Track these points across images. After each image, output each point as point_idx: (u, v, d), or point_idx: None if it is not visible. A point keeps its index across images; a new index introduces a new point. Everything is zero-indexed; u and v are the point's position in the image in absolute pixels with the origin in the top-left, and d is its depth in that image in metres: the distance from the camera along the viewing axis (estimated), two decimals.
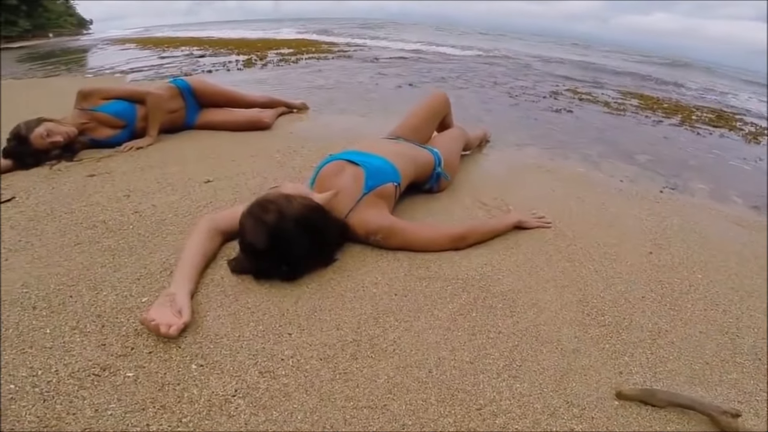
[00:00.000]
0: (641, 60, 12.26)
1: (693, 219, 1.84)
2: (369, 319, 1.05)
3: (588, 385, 0.91)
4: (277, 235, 1.05)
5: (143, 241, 1.30)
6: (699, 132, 3.52)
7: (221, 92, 2.63)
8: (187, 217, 1.46)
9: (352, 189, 1.30)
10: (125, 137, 2.19)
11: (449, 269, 1.27)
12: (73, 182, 1.73)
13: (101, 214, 1.46)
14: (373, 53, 6.81)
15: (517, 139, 2.73)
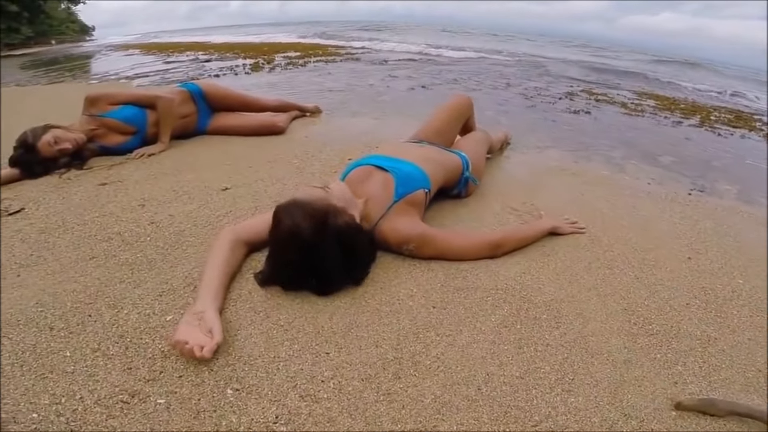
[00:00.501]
0: (649, 60, 12.18)
1: (725, 222, 1.78)
2: (408, 334, 0.99)
3: (644, 397, 0.89)
4: (313, 246, 1.00)
5: (162, 254, 1.24)
6: (720, 133, 3.45)
7: (233, 96, 2.58)
8: (207, 228, 1.40)
9: (382, 196, 1.24)
10: (136, 144, 2.14)
11: (487, 279, 1.22)
12: (84, 191, 1.68)
13: (116, 226, 1.40)
14: (381, 56, 6.77)
15: (537, 141, 2.67)
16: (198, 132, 2.42)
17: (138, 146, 2.13)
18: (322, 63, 5.70)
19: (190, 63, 5.98)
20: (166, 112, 2.17)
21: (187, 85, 2.39)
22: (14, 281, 1.11)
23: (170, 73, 5.15)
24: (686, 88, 6.62)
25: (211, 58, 6.37)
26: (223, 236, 1.14)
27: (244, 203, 1.58)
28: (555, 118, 3.30)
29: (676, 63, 12.40)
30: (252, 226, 1.20)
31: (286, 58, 6.21)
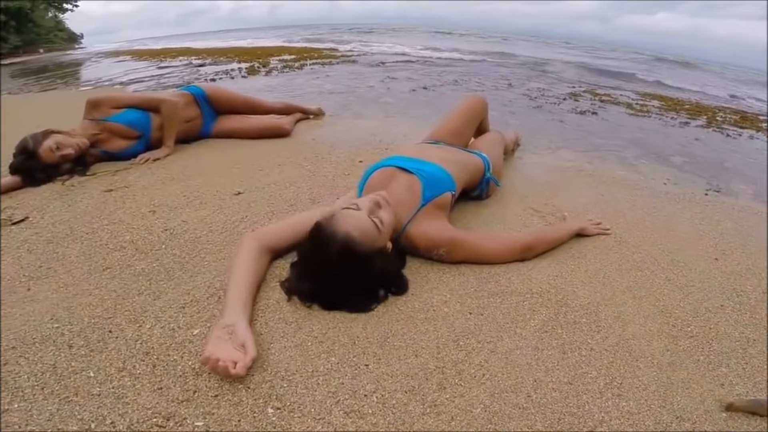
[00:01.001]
0: (646, 60, 12.33)
1: (745, 223, 1.78)
2: (448, 342, 0.97)
3: (693, 399, 0.90)
4: (366, 265, 0.99)
5: (180, 262, 1.20)
6: (728, 134, 3.48)
7: (237, 98, 2.55)
8: (224, 234, 1.36)
9: (409, 200, 1.21)
10: (140, 148, 2.10)
11: (520, 283, 1.19)
12: (90, 198, 1.64)
13: (127, 234, 1.36)
14: (378, 58, 6.76)
15: (549, 142, 2.67)
16: (202, 135, 2.39)
17: (142, 151, 2.09)
18: (318, 65, 5.68)
19: (183, 68, 5.92)
20: (171, 115, 2.13)
21: (190, 88, 2.35)
22: (25, 295, 1.06)
23: (165, 78, 5.09)
24: (688, 88, 6.70)
25: (204, 63, 6.32)
26: (246, 243, 1.10)
27: (259, 208, 1.54)
28: (562, 119, 3.31)
29: (671, 61, 12.53)
30: (276, 233, 1.17)
31: (281, 61, 6.18)
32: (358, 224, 1.00)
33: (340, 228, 0.98)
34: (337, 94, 3.88)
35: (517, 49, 10.10)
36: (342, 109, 3.24)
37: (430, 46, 9.71)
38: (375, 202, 1.07)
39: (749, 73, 14.24)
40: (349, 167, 1.96)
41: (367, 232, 1.00)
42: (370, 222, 1.02)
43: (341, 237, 0.97)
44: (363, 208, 1.04)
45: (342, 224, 0.99)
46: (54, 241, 1.32)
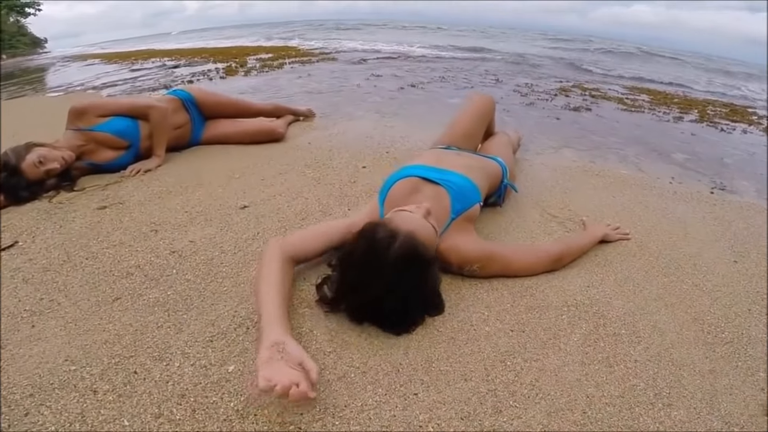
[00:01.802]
0: (624, 52, 12.69)
1: (755, 222, 1.85)
2: (495, 363, 0.97)
3: (737, 404, 0.94)
4: (398, 280, 0.94)
5: (197, 289, 1.16)
6: (723, 128, 3.62)
7: (226, 102, 2.49)
8: (238, 254, 1.32)
9: (438, 213, 1.19)
10: (129, 159, 2.02)
11: (554, 296, 1.21)
12: (83, 217, 1.56)
13: (132, 258, 1.30)
14: (358, 55, 6.72)
15: (550, 141, 2.72)
16: (192, 142, 2.32)
17: (131, 161, 2.01)
18: (298, 64, 5.60)
19: (157, 70, 5.73)
20: (161, 122, 2.05)
21: (177, 92, 2.27)
22: (30, 333, 1.00)
23: (139, 81, 4.91)
24: (672, 81, 6.93)
25: (179, 64, 6.14)
26: (273, 252, 1.06)
27: (269, 223, 1.51)
28: (558, 116, 3.37)
29: (646, 53, 12.87)
30: (301, 242, 1.14)
31: (259, 60, 6.07)
32: (419, 224, 0.99)
33: (402, 227, 0.96)
34: (324, 93, 3.84)
35: (496, 44, 10.20)
36: (332, 110, 3.20)
37: (407, 42, 9.73)
38: (426, 209, 1.05)
39: (723, 63, 14.86)
40: (353, 174, 1.94)
41: (429, 234, 1.00)
42: (429, 224, 1.01)
43: (405, 235, 0.93)
44: (415, 212, 1.04)
45: (403, 223, 0.97)
46: (51, 268, 1.25)
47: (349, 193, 1.74)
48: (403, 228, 0.96)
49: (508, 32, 15.92)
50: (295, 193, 1.74)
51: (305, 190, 1.76)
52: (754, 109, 5.05)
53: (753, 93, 7.15)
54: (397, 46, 8.59)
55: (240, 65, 5.56)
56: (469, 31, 16.28)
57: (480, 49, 8.61)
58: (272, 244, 1.10)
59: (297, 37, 11.45)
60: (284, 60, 5.99)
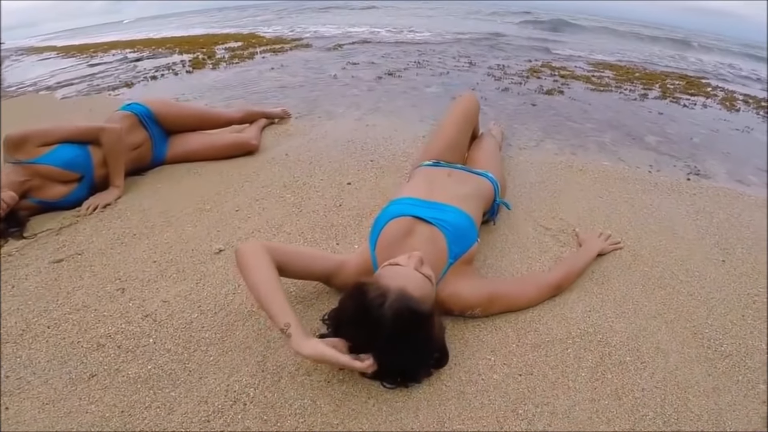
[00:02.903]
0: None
1: (734, 212, 1.83)
2: (507, 414, 0.91)
3: (741, 421, 0.94)
4: (399, 339, 0.85)
5: (180, 361, 1.01)
6: (685, 104, 3.60)
7: (190, 113, 2.20)
8: (219, 315, 1.15)
9: (435, 258, 1.07)
10: (83, 193, 1.73)
11: (558, 327, 1.14)
12: (38, 274, 1.33)
13: (100, 325, 1.12)
14: (331, 41, 6.28)
15: (530, 132, 2.61)
16: (155, 163, 2.04)
17: (86, 196, 1.73)
18: (270, 54, 5.19)
19: (118, 64, 5.17)
20: (114, 146, 1.75)
21: (131, 107, 1.96)
22: (6, 415, 0.86)
23: (98, 78, 4.41)
24: (616, 52, 6.87)
25: (141, 56, 5.56)
26: (258, 250, 0.97)
27: None
28: (533, 101, 3.26)
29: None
30: (284, 252, 1.04)
31: (228, 50, 5.61)
32: (412, 279, 0.89)
33: (392, 284, 0.85)
34: (299, 87, 3.55)
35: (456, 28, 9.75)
36: (309, 108, 2.95)
37: (375, 24, 9.26)
38: (417, 258, 0.94)
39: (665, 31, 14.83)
40: (338, 195, 1.76)
41: (423, 287, 0.90)
42: (421, 277, 0.91)
43: (396, 294, 0.84)
44: (406, 264, 0.92)
45: (394, 280, 0.86)
46: (10, 340, 1.08)
47: (335, 222, 1.57)
48: (394, 286, 0.85)
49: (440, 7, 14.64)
50: (275, 228, 1.54)
51: (286, 223, 1.57)
52: (707, 80, 5.07)
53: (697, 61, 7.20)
54: (368, 27, 8.12)
55: (207, 56, 5.12)
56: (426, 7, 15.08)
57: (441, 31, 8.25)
58: (249, 242, 1.01)
59: (265, 24, 10.67)
60: (255, 49, 5.56)
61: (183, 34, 8.88)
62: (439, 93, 3.42)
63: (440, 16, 11.23)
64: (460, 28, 8.64)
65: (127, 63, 5.18)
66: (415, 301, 0.85)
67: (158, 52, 5.79)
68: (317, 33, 7.30)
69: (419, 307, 0.85)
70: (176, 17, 19.33)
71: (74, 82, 4.29)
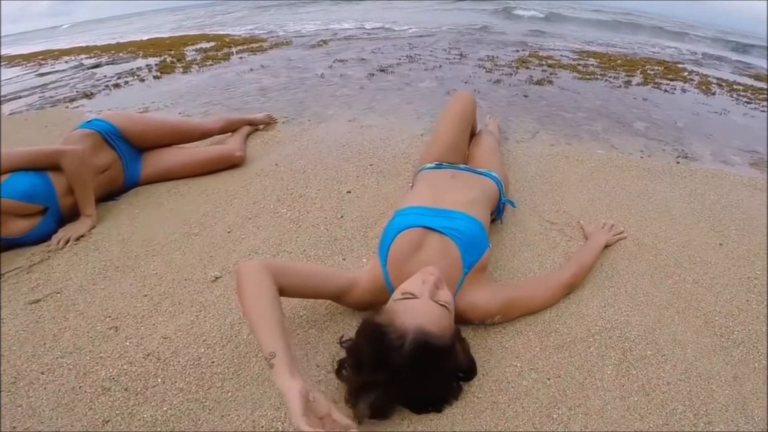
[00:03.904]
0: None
1: (723, 192, 1.93)
2: (542, 419, 0.93)
3: (763, 408, 0.98)
4: (421, 376, 0.85)
5: (197, 400, 0.96)
6: (665, 89, 3.73)
7: (161, 126, 2.01)
8: (228, 347, 1.09)
9: (449, 270, 1.07)
10: (50, 226, 1.57)
11: (576, 326, 1.17)
12: (15, 317, 1.22)
13: (100, 368, 1.04)
14: (314, 38, 6.14)
15: (525, 124, 2.65)
16: (128, 185, 1.87)
17: (55, 228, 1.57)
18: (247, 53, 5.02)
19: (73, 72, 4.83)
20: (77, 169, 1.58)
21: (93, 124, 1.76)
22: None
23: (50, 89, 4.09)
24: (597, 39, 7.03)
25: (100, 62, 5.24)
26: (252, 268, 0.92)
27: None
28: (525, 92, 3.31)
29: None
30: (289, 271, 0.99)
31: (199, 51, 5.43)
32: (428, 315, 0.86)
33: (409, 324, 0.84)
34: (283, 89, 3.39)
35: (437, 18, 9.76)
36: (296, 111, 2.84)
37: (357, 19, 9.18)
38: (432, 284, 0.93)
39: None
40: (338, 205, 1.70)
41: (442, 321, 0.88)
42: (438, 308, 0.89)
43: (415, 334, 0.82)
44: (420, 293, 0.91)
45: (410, 318, 0.85)
46: (4, 388, 1.01)
47: (338, 235, 1.51)
48: (411, 325, 0.83)
49: None
50: (274, 247, 1.46)
51: (285, 241, 1.49)
52: (683, 64, 5.27)
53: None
54: (355, 23, 7.96)
55: (177, 59, 4.93)
56: None
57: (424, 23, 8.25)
58: (250, 262, 0.95)
59: (236, 24, 10.31)
60: (230, 49, 5.38)
61: (144, 37, 8.49)
62: (434, 88, 3.41)
63: (418, 11, 11.10)
64: (445, 20, 8.65)
65: (84, 70, 4.85)
66: (434, 338, 0.83)
67: (119, 57, 5.50)
68: (295, 31, 7.12)
69: (440, 343, 0.85)
70: (137, 17, 18.34)
71: (23, 95, 3.94)
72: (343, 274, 1.11)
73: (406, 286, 0.94)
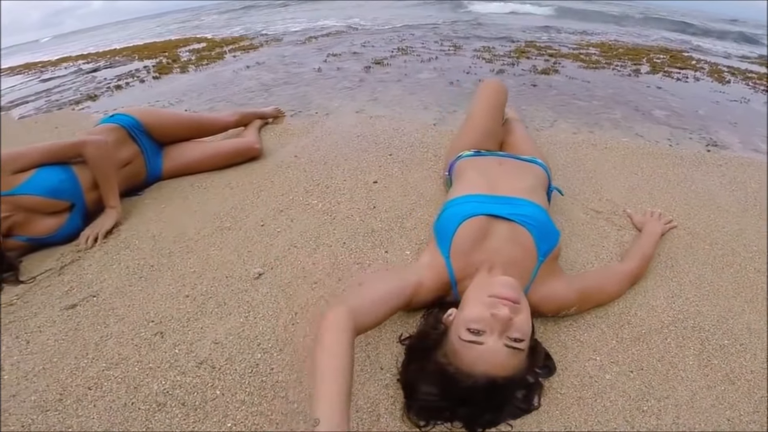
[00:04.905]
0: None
1: (761, 180, 1.88)
2: (633, 412, 0.90)
3: None
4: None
5: (262, 413, 0.88)
6: (677, 78, 3.73)
7: (182, 120, 2.02)
8: (286, 351, 1.02)
9: (524, 260, 1.01)
10: (77, 224, 1.52)
11: (649, 317, 1.13)
12: (52, 324, 1.14)
13: (151, 380, 0.97)
14: (302, 34, 6.12)
15: (540, 113, 2.62)
16: (150, 180, 1.86)
17: (82, 226, 1.53)
18: (240, 52, 4.97)
19: (74, 76, 4.76)
20: (101, 159, 1.54)
21: (116, 118, 1.75)
22: None
23: (55, 93, 4.05)
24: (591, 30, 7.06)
25: (98, 66, 5.17)
26: (339, 322, 0.81)
27: (302, 294, 1.19)
28: (533, 82, 3.28)
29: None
30: (371, 310, 0.89)
31: (193, 52, 5.34)
32: (498, 363, 0.79)
33: (477, 371, 0.79)
34: (283, 84, 3.39)
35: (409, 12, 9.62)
36: (301, 105, 2.82)
37: (344, 16, 9.12)
38: (504, 321, 0.80)
39: None
40: (368, 196, 1.66)
41: (512, 363, 0.81)
42: (508, 352, 0.80)
43: (485, 381, 0.78)
44: (490, 330, 0.81)
45: (478, 367, 0.79)
46: (50, 407, 0.92)
47: (375, 226, 1.47)
48: (480, 373, 0.79)
49: None
50: (312, 241, 1.41)
51: (323, 234, 1.44)
52: (688, 53, 5.29)
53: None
54: (341, 21, 7.91)
55: (172, 60, 4.86)
56: None
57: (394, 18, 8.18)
58: (339, 310, 0.85)
59: (221, 28, 10.20)
60: (223, 48, 5.31)
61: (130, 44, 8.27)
62: (434, 79, 3.37)
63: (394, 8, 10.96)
64: (427, 15, 8.62)
65: (84, 74, 4.79)
66: (505, 379, 0.80)
67: (116, 61, 5.42)
68: (281, 30, 7.05)
69: (512, 383, 0.82)
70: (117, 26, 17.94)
71: (29, 100, 3.92)
72: (405, 283, 0.99)
73: (473, 315, 0.84)
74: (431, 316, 0.97)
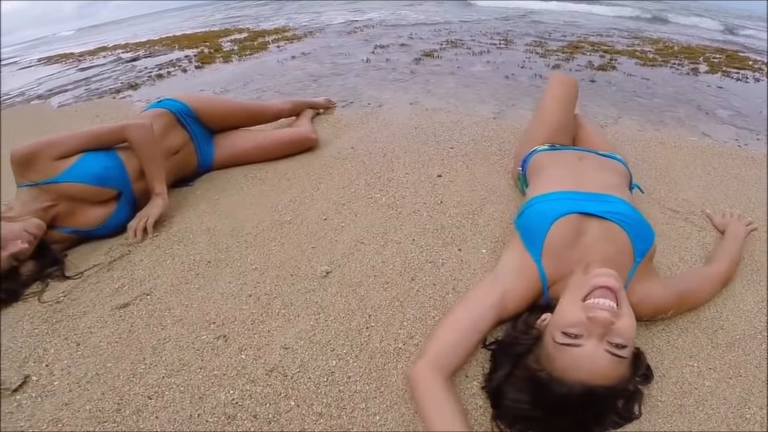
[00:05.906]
0: None
1: None
2: (737, 420, 0.89)
3: None
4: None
5: (342, 426, 0.85)
6: (738, 78, 3.58)
7: (235, 107, 1.96)
8: (362, 358, 0.96)
9: (621, 261, 0.97)
10: (125, 214, 1.45)
11: (741, 323, 1.10)
12: (103, 325, 1.08)
13: (218, 390, 0.90)
14: (346, 26, 6.09)
15: (603, 109, 2.56)
16: (201, 170, 1.79)
17: (130, 215, 1.45)
18: (284, 42, 4.99)
19: (113, 65, 4.88)
20: (146, 143, 1.45)
21: (165, 103, 1.67)
22: None
23: (94, 81, 4.14)
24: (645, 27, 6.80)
25: (137, 56, 5.28)
26: (428, 382, 0.81)
27: (375, 295, 1.13)
28: (591, 78, 3.20)
29: None
30: (454, 353, 0.88)
31: (235, 42, 5.43)
32: (598, 370, 0.75)
33: (574, 379, 0.75)
34: (332, 75, 3.36)
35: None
36: (352, 96, 2.80)
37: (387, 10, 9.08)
38: (604, 323, 0.76)
39: None
40: (433, 190, 1.61)
41: (614, 371, 0.76)
42: (610, 359, 0.76)
43: (582, 391, 0.74)
44: (589, 333, 0.77)
45: (575, 373, 0.75)
46: (108, 419, 0.86)
47: (445, 223, 1.42)
48: (576, 381, 0.74)
49: None
50: (379, 237, 1.35)
51: (390, 229, 1.39)
52: (745, 54, 5.05)
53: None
54: (390, 11, 7.83)
55: (214, 50, 4.95)
56: None
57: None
58: (421, 370, 0.84)
59: (261, 20, 10.28)
60: (265, 39, 5.37)
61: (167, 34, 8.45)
62: (489, 72, 3.34)
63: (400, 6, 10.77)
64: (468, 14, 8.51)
65: (123, 63, 4.89)
66: (606, 389, 0.76)
67: (155, 50, 5.55)
68: (324, 21, 7.08)
69: (613, 393, 0.78)
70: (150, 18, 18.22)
71: (68, 88, 3.99)
72: (489, 300, 0.95)
73: (569, 319, 0.80)
74: (521, 322, 0.93)
